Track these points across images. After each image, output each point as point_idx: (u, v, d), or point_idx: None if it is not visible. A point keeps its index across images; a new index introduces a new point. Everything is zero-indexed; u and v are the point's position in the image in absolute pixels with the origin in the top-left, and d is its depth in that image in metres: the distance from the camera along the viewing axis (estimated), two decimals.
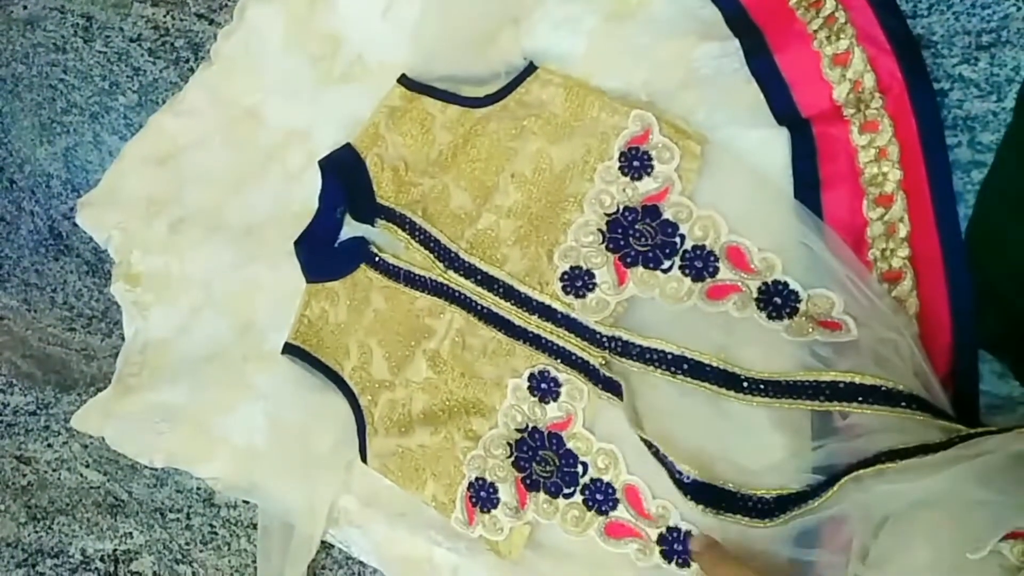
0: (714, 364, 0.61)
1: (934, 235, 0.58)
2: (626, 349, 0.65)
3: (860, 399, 0.56)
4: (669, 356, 0.63)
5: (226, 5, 0.95)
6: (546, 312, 0.68)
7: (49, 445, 1.04)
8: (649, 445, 0.61)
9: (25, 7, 1.08)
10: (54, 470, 1.03)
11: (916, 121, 0.58)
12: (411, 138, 0.76)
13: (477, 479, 0.68)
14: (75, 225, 0.99)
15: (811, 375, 0.58)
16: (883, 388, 0.56)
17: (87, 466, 1.01)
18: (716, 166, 0.64)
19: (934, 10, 0.59)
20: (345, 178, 0.78)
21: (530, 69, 0.71)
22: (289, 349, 0.80)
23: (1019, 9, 0.58)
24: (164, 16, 0.99)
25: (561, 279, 0.68)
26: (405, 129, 0.76)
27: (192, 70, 0.98)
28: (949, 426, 0.54)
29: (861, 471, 0.55)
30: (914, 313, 0.58)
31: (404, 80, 0.77)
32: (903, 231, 0.58)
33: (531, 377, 0.68)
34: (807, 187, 0.61)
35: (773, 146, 0.62)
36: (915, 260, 0.58)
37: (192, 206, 0.91)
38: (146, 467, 0.92)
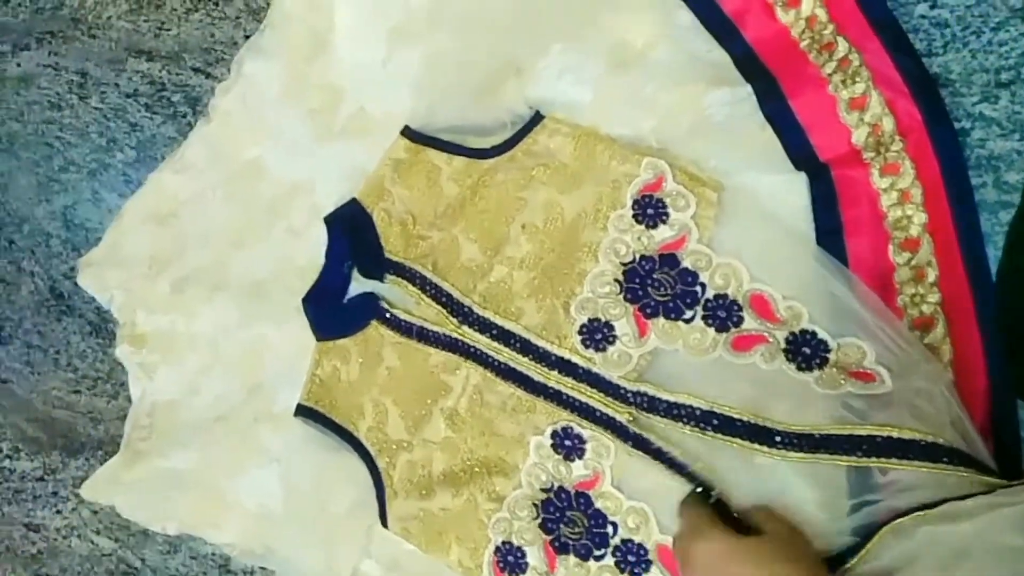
0: (745, 419, 0.59)
1: (963, 279, 0.56)
2: (652, 404, 0.63)
3: (900, 455, 0.54)
4: (698, 411, 0.61)
5: (223, 59, 0.94)
6: (566, 367, 0.67)
7: (58, 512, 1.02)
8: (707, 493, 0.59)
9: (19, 64, 1.07)
10: (64, 537, 1.01)
11: (938, 162, 0.57)
12: (418, 191, 0.74)
13: (504, 543, 0.66)
14: (76, 285, 0.97)
15: (846, 429, 0.56)
16: (922, 442, 0.54)
17: (98, 533, 0.99)
18: (734, 213, 0.62)
19: (950, 48, 0.58)
20: (352, 234, 0.76)
21: (536, 119, 0.70)
22: (302, 411, 0.78)
23: None
24: (160, 71, 0.98)
25: (579, 332, 0.66)
26: (411, 182, 0.75)
27: (190, 125, 0.96)
28: (991, 481, 0.52)
29: (899, 520, 0.53)
30: (948, 360, 0.57)
31: (408, 132, 0.76)
32: (932, 275, 0.57)
33: (554, 434, 0.67)
34: (830, 232, 0.59)
35: (791, 191, 0.61)
36: (946, 305, 0.57)
37: (195, 264, 0.90)
38: (159, 533, 0.90)
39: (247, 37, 0.91)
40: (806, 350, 0.58)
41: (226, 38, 0.94)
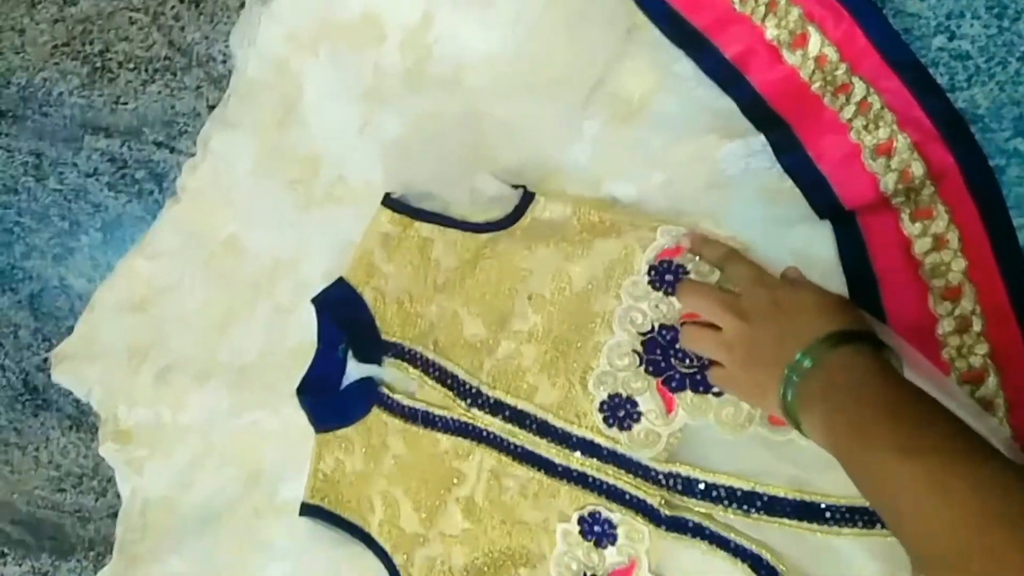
0: (791, 496, 0.55)
1: (1013, 326, 0.52)
2: (687, 486, 0.58)
3: None
4: (739, 492, 0.56)
5: (186, 131, 0.89)
6: (589, 448, 0.62)
7: None
8: None
9: None
10: None
11: (976, 206, 0.52)
12: (412, 267, 0.69)
13: None
14: (51, 376, 0.91)
15: None
16: None
17: None
18: None
19: (974, 81, 0.54)
20: (343, 316, 0.71)
21: (528, 198, 0.65)
22: (307, 510, 0.73)
23: None
24: (120, 147, 0.92)
25: (600, 409, 0.61)
26: (404, 258, 0.70)
27: (157, 203, 0.91)
28: None
29: None
30: (1003, 415, 0.52)
31: (390, 202, 0.71)
32: (977, 325, 0.53)
33: (581, 520, 0.62)
34: (863, 284, 0.55)
35: (819, 242, 0.56)
36: (996, 356, 0.53)
37: (178, 352, 0.85)
38: None
39: (210, 107, 0.86)
40: None
41: (187, 109, 0.88)
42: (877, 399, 0.41)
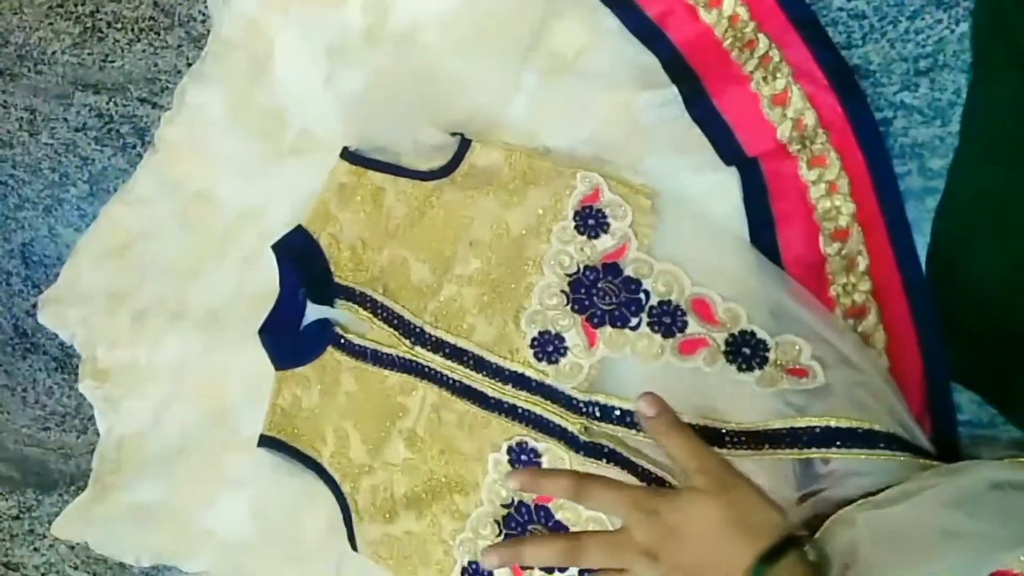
0: (695, 422, 0.60)
1: (893, 266, 0.57)
2: (605, 413, 0.63)
3: (838, 443, 0.55)
4: None
5: (168, 87, 0.94)
6: (519, 381, 0.67)
7: (35, 549, 1.02)
8: None
9: None
10: (43, 575, 1.01)
11: (862, 153, 0.57)
12: (365, 214, 0.74)
13: (470, 563, 0.66)
14: (39, 322, 0.97)
15: (787, 422, 0.57)
16: (860, 430, 0.55)
17: (76, 568, 0.99)
18: (670, 218, 0.63)
19: (868, 39, 0.59)
20: (300, 261, 0.76)
21: (464, 145, 0.70)
22: (265, 441, 0.78)
23: (953, 32, 0.57)
24: (107, 103, 0.98)
25: (531, 345, 0.66)
26: (358, 207, 0.75)
27: (140, 156, 0.96)
28: (930, 464, 0.53)
29: (844, 510, 0.53)
30: (882, 347, 0.57)
31: (347, 154, 0.76)
32: (862, 264, 0.58)
33: (510, 450, 0.67)
34: (762, 226, 0.60)
35: (726, 189, 0.61)
36: (877, 293, 0.57)
37: (153, 296, 0.90)
38: (135, 565, 0.90)
39: (190, 65, 0.91)
40: (746, 351, 0.59)
41: (169, 67, 0.93)
42: None
